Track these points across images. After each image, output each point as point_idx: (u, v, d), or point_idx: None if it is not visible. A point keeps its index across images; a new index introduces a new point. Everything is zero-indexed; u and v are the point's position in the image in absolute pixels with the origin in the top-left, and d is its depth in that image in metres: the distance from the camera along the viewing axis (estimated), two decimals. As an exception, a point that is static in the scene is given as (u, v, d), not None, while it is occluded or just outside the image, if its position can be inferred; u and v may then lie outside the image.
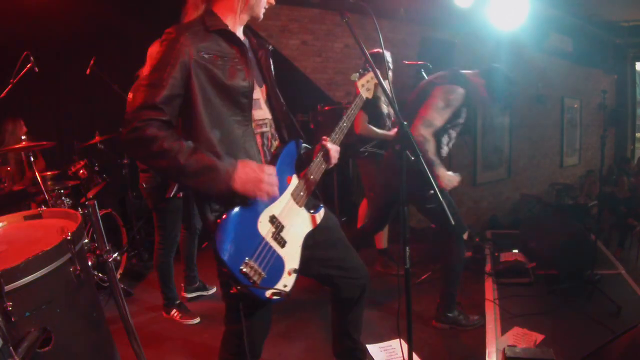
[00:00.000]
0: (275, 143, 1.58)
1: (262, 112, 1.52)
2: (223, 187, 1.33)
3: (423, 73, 3.18)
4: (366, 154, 3.44)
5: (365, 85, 1.83)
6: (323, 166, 1.62)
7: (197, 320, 2.83)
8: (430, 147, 2.46)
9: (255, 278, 1.38)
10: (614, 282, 3.32)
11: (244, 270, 1.36)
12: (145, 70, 2.72)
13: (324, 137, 1.63)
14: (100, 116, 4.40)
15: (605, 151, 3.55)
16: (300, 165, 1.60)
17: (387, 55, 3.26)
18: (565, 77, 8.84)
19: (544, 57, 7.68)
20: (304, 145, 1.65)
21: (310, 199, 1.64)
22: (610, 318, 2.71)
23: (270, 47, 1.63)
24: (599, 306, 2.87)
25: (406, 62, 3.47)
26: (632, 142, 10.51)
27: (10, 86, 2.96)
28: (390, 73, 3.33)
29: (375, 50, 3.19)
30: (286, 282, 1.49)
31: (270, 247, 1.45)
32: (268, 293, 1.42)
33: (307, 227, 1.59)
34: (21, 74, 2.94)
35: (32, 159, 3.04)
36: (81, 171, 3.51)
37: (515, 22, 5.32)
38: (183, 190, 2.73)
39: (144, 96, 1.29)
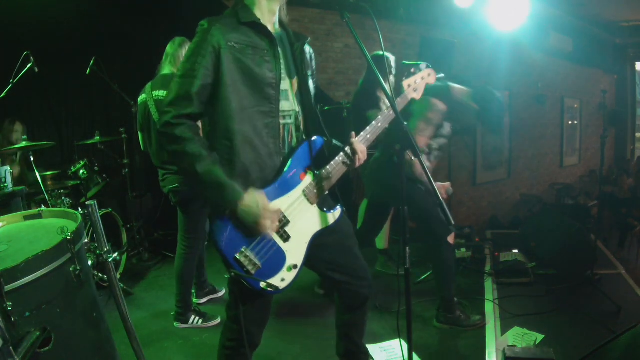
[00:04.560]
0: (298, 136, 1.57)
1: (288, 104, 1.53)
2: (227, 206, 1.38)
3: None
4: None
5: (412, 86, 1.81)
6: (348, 163, 1.58)
7: (219, 319, 2.78)
8: (417, 169, 2.49)
9: (249, 267, 1.41)
10: (614, 282, 3.32)
11: (239, 258, 1.39)
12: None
13: (353, 133, 1.60)
14: (100, 116, 4.40)
15: (605, 151, 3.55)
16: (321, 163, 1.58)
17: (391, 61, 3.25)
18: (565, 77, 8.84)
19: (544, 57, 7.68)
20: (335, 142, 1.64)
21: (327, 199, 1.63)
22: (610, 318, 2.71)
23: (309, 39, 1.63)
24: (599, 306, 2.87)
25: (406, 62, 3.47)
26: (632, 142, 10.52)
27: (10, 86, 2.96)
28: (392, 78, 3.30)
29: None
30: (284, 276, 1.48)
31: (272, 240, 1.46)
32: (262, 284, 1.43)
33: (317, 226, 1.56)
34: (21, 74, 2.94)
35: (32, 159, 3.04)
36: (81, 171, 3.50)
37: (515, 22, 5.32)
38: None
39: (179, 88, 1.38)
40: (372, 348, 2.44)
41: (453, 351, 2.47)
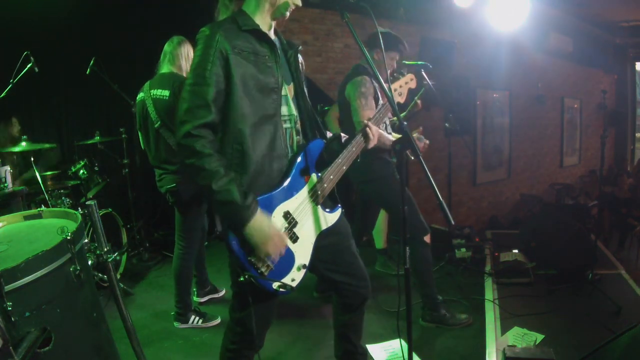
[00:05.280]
0: (297, 139, 1.60)
1: (287, 108, 1.56)
2: (237, 223, 1.37)
3: (423, 73, 3.18)
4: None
5: (397, 90, 1.82)
6: (362, 145, 1.61)
7: (219, 319, 2.78)
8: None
9: (263, 269, 1.41)
10: (614, 282, 3.32)
11: (252, 260, 1.40)
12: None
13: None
14: (100, 116, 4.40)
15: (605, 151, 3.56)
16: (323, 164, 1.61)
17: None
18: (565, 77, 8.85)
19: (544, 57, 7.69)
20: (343, 135, 1.66)
21: (327, 199, 1.65)
22: (610, 318, 2.72)
23: (300, 47, 1.67)
24: (599, 306, 2.87)
25: (406, 62, 3.47)
26: (632, 142, 10.54)
27: (10, 86, 2.96)
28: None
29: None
30: (294, 276, 1.50)
31: None
32: (275, 285, 1.44)
33: (322, 226, 1.59)
34: (21, 74, 2.94)
35: (32, 159, 3.04)
36: (81, 171, 3.50)
37: (515, 22, 5.32)
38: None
39: (193, 96, 1.36)
40: (372, 348, 2.44)
41: (453, 351, 2.47)
